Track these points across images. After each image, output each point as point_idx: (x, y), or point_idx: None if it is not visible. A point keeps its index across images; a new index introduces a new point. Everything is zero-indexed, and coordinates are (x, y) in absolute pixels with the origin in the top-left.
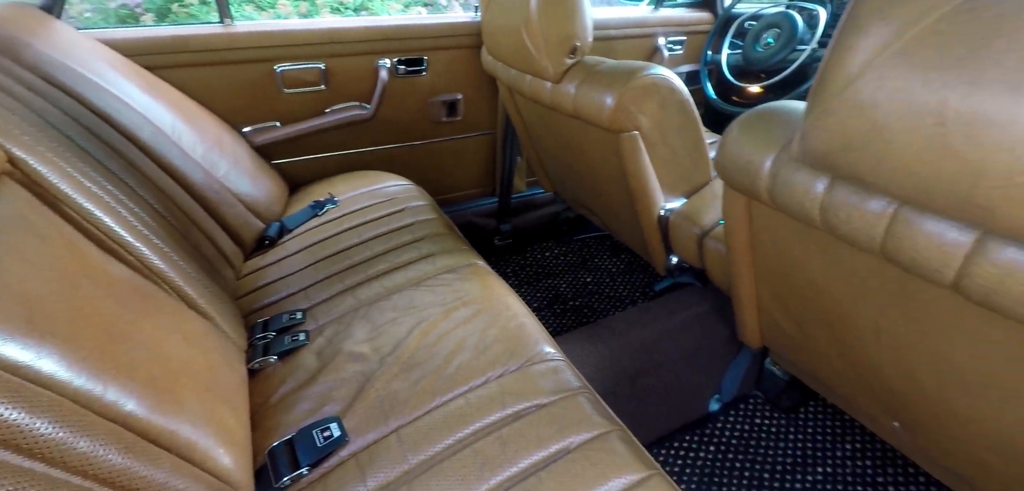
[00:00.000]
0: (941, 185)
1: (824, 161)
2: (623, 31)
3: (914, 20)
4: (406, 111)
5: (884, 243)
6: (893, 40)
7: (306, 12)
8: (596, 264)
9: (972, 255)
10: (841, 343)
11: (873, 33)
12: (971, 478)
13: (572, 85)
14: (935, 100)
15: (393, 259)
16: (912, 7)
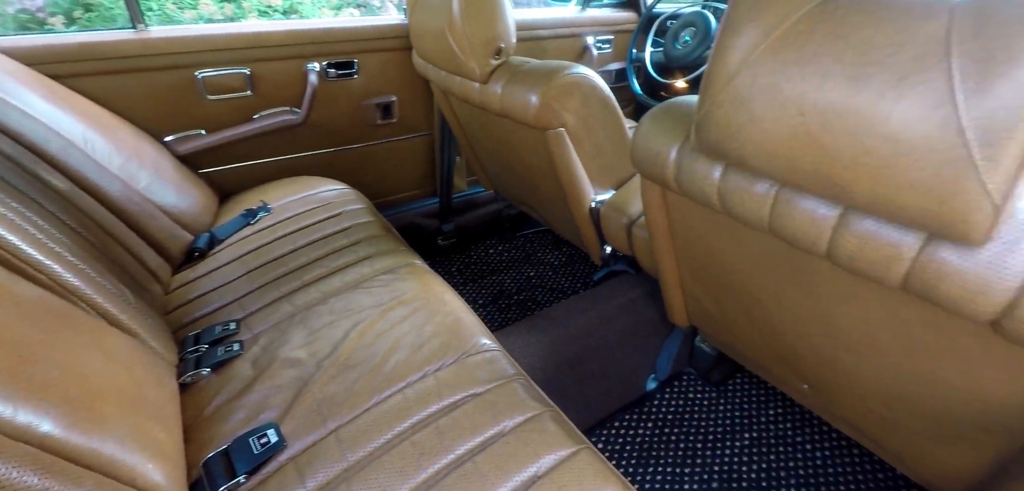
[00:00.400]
0: (807, 168)
1: (716, 150)
2: (553, 31)
3: (777, 23)
4: (339, 115)
5: (771, 222)
6: (761, 40)
7: (232, 14)
8: (539, 258)
9: (837, 228)
10: (751, 315)
11: (745, 34)
12: (865, 427)
13: (499, 85)
14: (796, 93)
15: (329, 263)
16: (776, 10)
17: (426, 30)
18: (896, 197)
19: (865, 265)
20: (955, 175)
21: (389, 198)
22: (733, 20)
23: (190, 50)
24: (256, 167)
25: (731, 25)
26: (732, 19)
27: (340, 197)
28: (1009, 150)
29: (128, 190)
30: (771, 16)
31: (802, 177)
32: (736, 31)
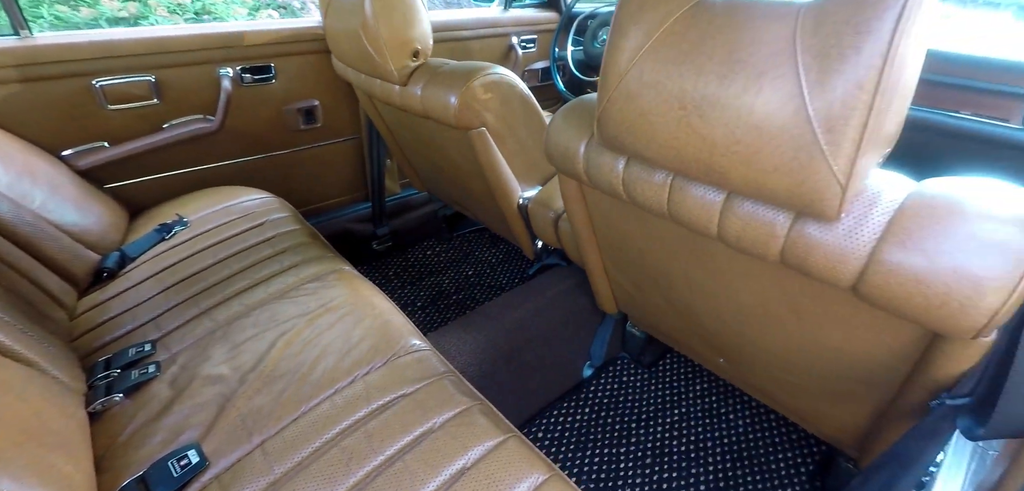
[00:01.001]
0: (691, 157)
1: (615, 143)
2: (477, 32)
3: (658, 23)
4: (259, 121)
5: (669, 208)
6: (644, 41)
7: (136, 12)
8: (476, 257)
9: (723, 211)
10: (668, 297)
11: (631, 35)
12: (774, 392)
13: (418, 87)
14: (676, 88)
15: (252, 275)
16: (656, 12)
17: (342, 33)
18: (765, 181)
19: (749, 244)
20: (808, 159)
21: (319, 205)
22: (620, 22)
23: (84, 57)
24: (170, 179)
25: (618, 27)
26: (619, 21)
27: (263, 206)
28: (847, 135)
29: (18, 210)
30: (651, 19)
31: (689, 166)
32: (623, 32)
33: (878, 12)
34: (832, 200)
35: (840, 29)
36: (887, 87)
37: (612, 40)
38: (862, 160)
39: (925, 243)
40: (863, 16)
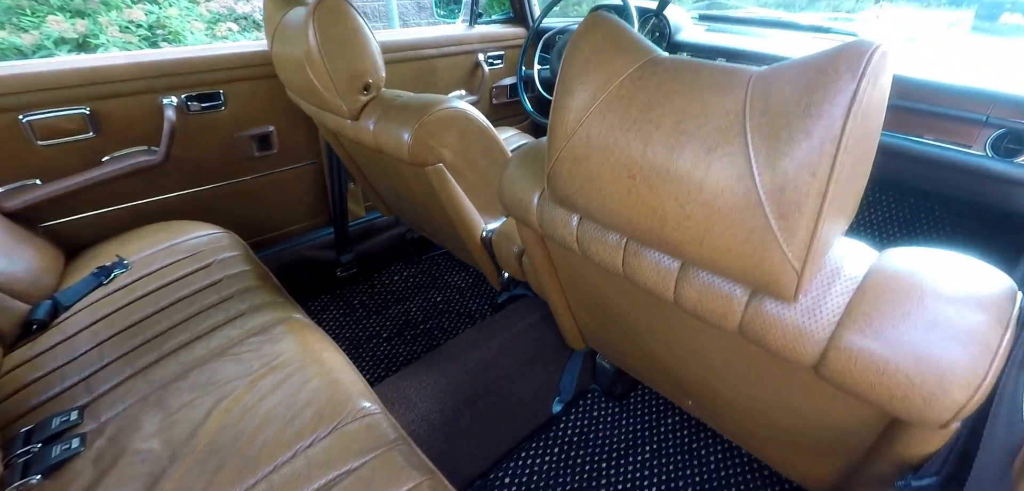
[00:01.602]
0: (643, 226)
1: (566, 202)
2: (442, 50)
3: (604, 83)
4: (208, 150)
5: (624, 270)
6: (591, 102)
7: (86, 30)
8: (446, 281)
9: (680, 279)
10: (634, 341)
11: (577, 93)
12: (743, 438)
13: (371, 121)
14: (624, 156)
15: (194, 327)
16: (602, 71)
17: (288, 61)
18: (719, 259)
19: (707, 314)
20: (762, 242)
21: (278, 232)
22: (565, 79)
23: (8, 91)
24: (111, 215)
25: (564, 84)
26: (564, 78)
27: (211, 243)
28: (801, 222)
29: None
30: (597, 78)
31: (641, 234)
32: (568, 90)
33: (829, 95)
34: (788, 284)
35: (789, 110)
36: (842, 174)
37: (558, 97)
38: (819, 243)
39: (886, 330)
40: (814, 98)
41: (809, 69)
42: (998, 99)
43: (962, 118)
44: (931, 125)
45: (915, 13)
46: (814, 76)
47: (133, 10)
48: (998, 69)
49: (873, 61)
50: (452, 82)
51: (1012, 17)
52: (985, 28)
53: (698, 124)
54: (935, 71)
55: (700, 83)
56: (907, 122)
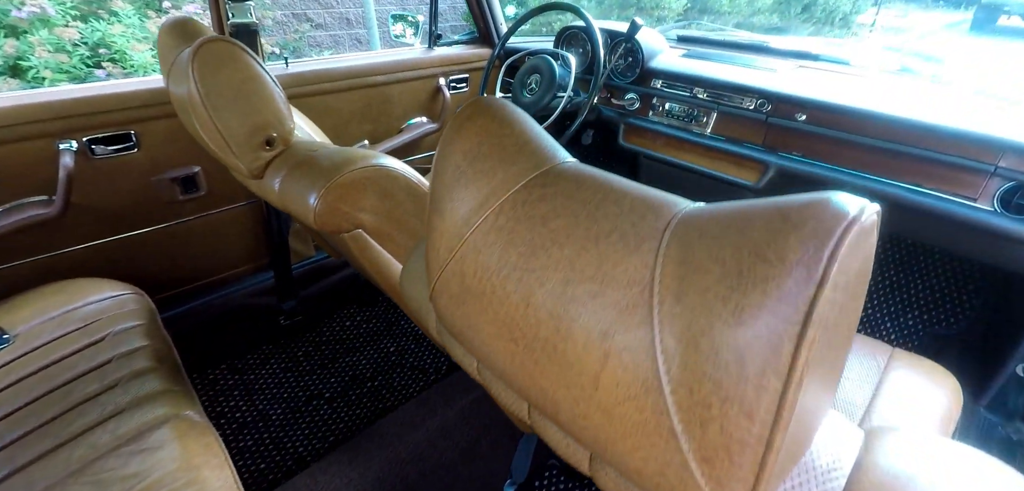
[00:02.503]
0: (537, 403)
1: (457, 338)
2: (395, 75)
3: (479, 206)
4: (121, 196)
5: (532, 424)
6: (464, 227)
7: (15, 52)
8: (401, 328)
9: (593, 461)
10: None
11: (448, 213)
12: None
13: (277, 179)
14: (504, 312)
15: (64, 428)
16: (478, 188)
17: (181, 107)
18: (633, 477)
19: None
20: (680, 483)
21: (210, 280)
22: (435, 191)
23: None
24: (2, 274)
25: (434, 197)
26: (434, 189)
27: (111, 309)
28: (735, 475)
29: None
30: (473, 196)
31: (538, 408)
32: (439, 207)
33: (773, 297)
34: None
35: (712, 305)
36: (803, 405)
37: (430, 216)
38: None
39: None
40: (747, 300)
41: (754, 230)
42: (1009, 147)
43: (966, 167)
44: (929, 172)
45: (913, 18)
46: (763, 245)
47: (68, 29)
48: (1008, 113)
49: (848, 239)
50: (410, 109)
51: (1010, 19)
52: (983, 30)
53: (591, 292)
54: (934, 111)
55: (597, 227)
56: (900, 168)
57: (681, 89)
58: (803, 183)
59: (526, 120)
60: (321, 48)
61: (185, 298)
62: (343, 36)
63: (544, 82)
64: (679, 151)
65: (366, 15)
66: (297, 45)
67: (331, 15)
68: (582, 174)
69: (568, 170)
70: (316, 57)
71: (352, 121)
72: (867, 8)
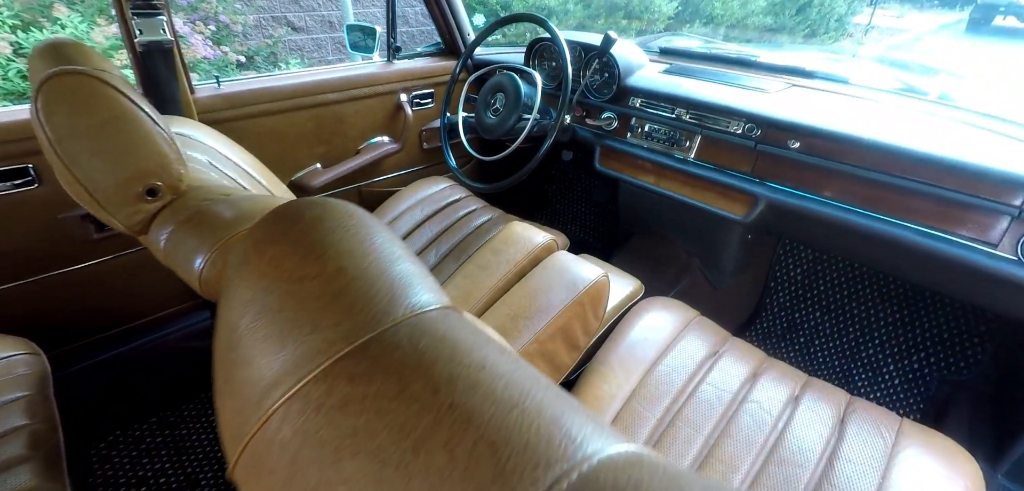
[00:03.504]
0: None
1: None
2: (350, 92)
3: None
4: (19, 238)
5: None
6: (276, 391)
7: None
8: None
9: None
10: None
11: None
12: None
13: (162, 234)
14: None
15: None
16: (252, 372)
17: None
18: None
19: None
20: None
21: (139, 323)
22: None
23: None
24: None
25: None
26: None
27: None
28: None
29: None
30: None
31: None
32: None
33: None
34: None
35: None
36: None
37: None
38: None
39: None
40: None
41: None
42: None
43: (984, 207)
44: (941, 213)
45: (909, 19)
46: None
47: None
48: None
49: None
50: (367, 129)
51: (1006, 20)
52: (979, 31)
53: None
54: (945, 141)
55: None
56: (906, 206)
57: (661, 109)
58: (796, 218)
59: (363, 232)
60: (302, 54)
61: (106, 345)
62: (325, 40)
63: (509, 102)
64: (660, 178)
65: (344, 19)
66: (273, 51)
67: (313, 18)
68: (422, 356)
69: (405, 342)
70: (257, 74)
71: (300, 145)
72: (863, 9)
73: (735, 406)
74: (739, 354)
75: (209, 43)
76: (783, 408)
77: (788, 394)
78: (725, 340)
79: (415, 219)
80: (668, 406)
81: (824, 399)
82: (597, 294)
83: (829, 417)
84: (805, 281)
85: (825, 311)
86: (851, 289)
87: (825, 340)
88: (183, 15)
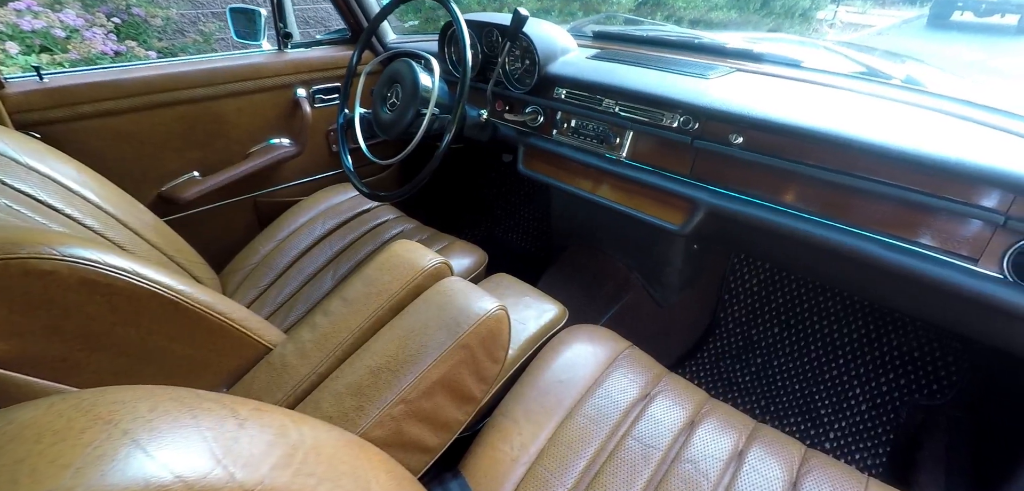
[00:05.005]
0: None
1: None
2: (229, 86)
3: None
4: None
5: None
6: None
7: None
8: None
9: None
10: None
11: None
12: None
13: None
14: None
15: None
16: None
17: None
18: None
19: None
20: None
21: None
22: None
23: None
24: None
25: None
26: None
27: None
28: None
29: None
30: None
31: None
32: None
33: None
34: None
35: None
36: None
37: None
38: None
39: None
40: None
41: None
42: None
43: (963, 214)
44: (910, 220)
45: (872, 15)
46: None
47: None
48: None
49: None
50: (256, 129)
51: (963, 15)
52: (938, 26)
53: None
54: (914, 132)
55: None
56: (869, 212)
57: (588, 100)
58: (741, 228)
59: None
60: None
61: None
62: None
63: (406, 94)
64: (591, 182)
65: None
66: (202, 48)
67: None
68: None
69: None
70: (101, 66)
71: (167, 149)
72: (827, 4)
73: (666, 466)
74: (674, 396)
75: (112, 38)
76: (724, 469)
77: (731, 448)
78: (659, 378)
79: (315, 234)
80: (584, 470)
81: (773, 455)
82: (490, 332)
83: (779, 480)
84: (762, 294)
85: (784, 327)
86: (812, 303)
87: (785, 359)
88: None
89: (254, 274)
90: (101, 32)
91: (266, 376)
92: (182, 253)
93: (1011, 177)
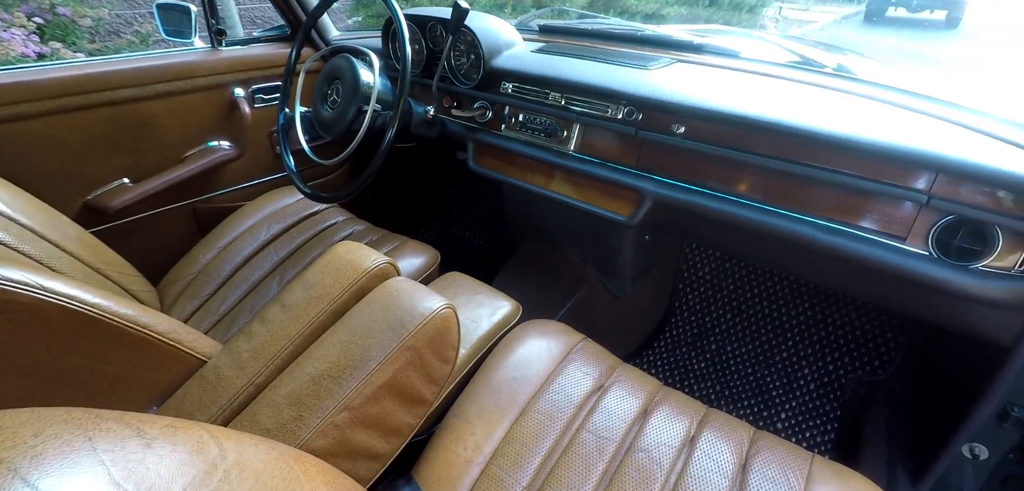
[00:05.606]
0: None
1: None
2: (158, 87)
3: None
4: None
5: None
6: None
7: None
8: None
9: None
10: None
11: None
12: None
13: None
14: None
15: None
16: None
17: None
18: None
19: None
20: None
21: None
22: None
23: None
24: None
25: None
26: None
27: None
28: None
29: None
30: None
31: None
32: None
33: None
34: None
35: None
36: None
37: None
38: None
39: None
40: None
41: None
42: (944, 166)
43: (889, 194)
44: (842, 203)
45: (815, 13)
46: None
47: None
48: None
49: None
50: (191, 132)
51: (897, 11)
52: (874, 22)
53: None
54: (844, 117)
55: None
56: (803, 196)
57: (533, 93)
58: (688, 217)
59: None
60: None
61: None
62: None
63: (346, 91)
64: (541, 176)
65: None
66: (137, 51)
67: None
68: None
69: None
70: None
71: (91, 155)
72: (772, 2)
73: (620, 457)
74: (628, 386)
75: (34, 38)
76: (676, 455)
77: (682, 434)
78: (613, 369)
79: (259, 240)
80: (540, 466)
81: (724, 439)
82: (437, 332)
83: (729, 463)
84: (714, 281)
85: (736, 312)
86: (762, 288)
87: (737, 344)
88: None
89: (194, 284)
90: (21, 33)
91: (199, 391)
92: (112, 266)
93: (932, 157)
